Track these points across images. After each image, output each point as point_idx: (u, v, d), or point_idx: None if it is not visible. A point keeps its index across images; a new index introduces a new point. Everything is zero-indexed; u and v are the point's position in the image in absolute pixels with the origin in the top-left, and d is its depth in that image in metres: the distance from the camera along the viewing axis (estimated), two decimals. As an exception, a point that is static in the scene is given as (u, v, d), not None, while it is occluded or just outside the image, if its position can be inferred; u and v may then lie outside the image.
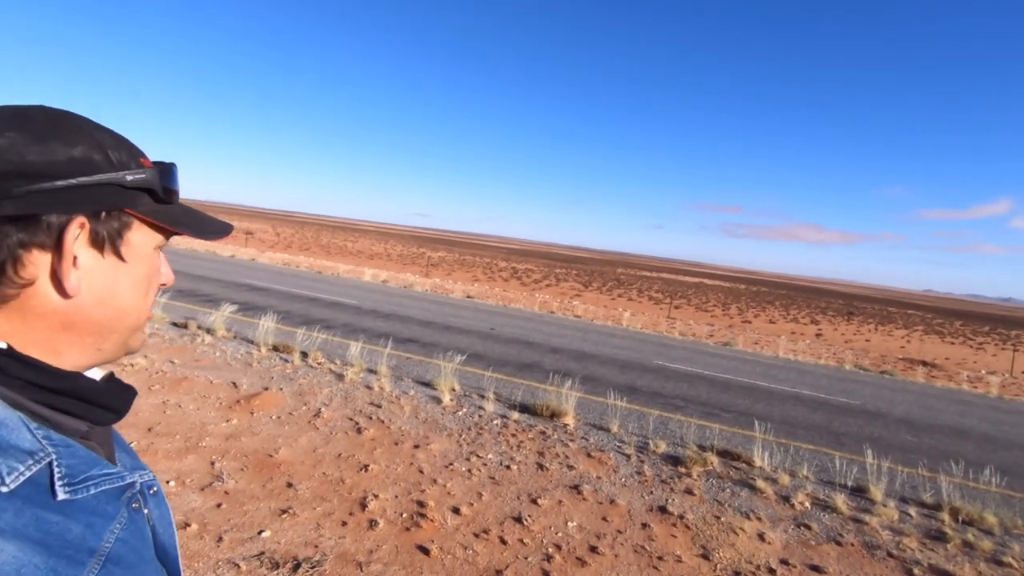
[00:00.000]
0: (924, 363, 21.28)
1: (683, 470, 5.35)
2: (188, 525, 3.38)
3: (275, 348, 7.89)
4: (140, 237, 0.58)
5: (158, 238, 0.60)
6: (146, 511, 0.63)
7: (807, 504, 4.94)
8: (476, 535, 3.74)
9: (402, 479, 4.40)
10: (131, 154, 0.58)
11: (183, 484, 3.87)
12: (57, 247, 0.52)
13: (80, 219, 0.53)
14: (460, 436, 5.50)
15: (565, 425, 6.26)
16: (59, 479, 0.51)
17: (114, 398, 0.60)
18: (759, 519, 4.53)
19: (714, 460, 5.61)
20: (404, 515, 3.86)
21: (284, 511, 3.69)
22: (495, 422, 6.03)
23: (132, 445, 4.38)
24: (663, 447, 5.86)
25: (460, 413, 6.19)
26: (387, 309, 14.30)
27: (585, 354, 11.57)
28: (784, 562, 3.91)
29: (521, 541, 3.74)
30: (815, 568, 3.89)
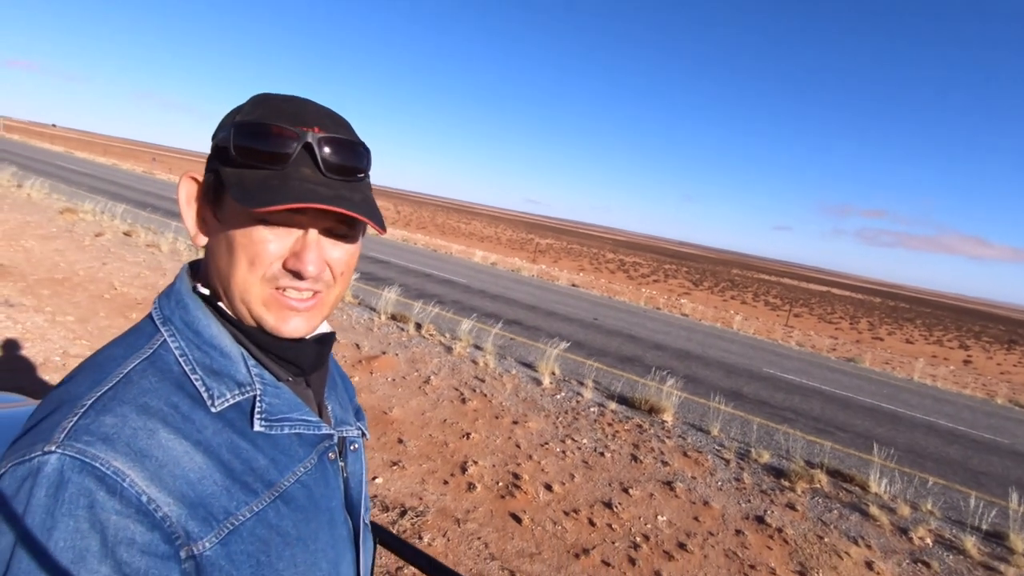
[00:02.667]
0: (1106, 408, 17.92)
1: (786, 483, 5.10)
2: (317, 462, 3.87)
3: (393, 317, 8.55)
4: (232, 201, 0.56)
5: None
6: (342, 464, 0.68)
7: (928, 540, 4.51)
8: (566, 513, 3.89)
9: (500, 450, 4.65)
10: (257, 118, 0.56)
11: (314, 427, 4.41)
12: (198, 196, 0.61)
13: (188, 174, 0.61)
14: (557, 418, 5.67)
15: (663, 421, 6.20)
16: (259, 413, 0.57)
17: (295, 354, 0.62)
18: (868, 547, 4.23)
19: (822, 478, 5.28)
20: (500, 484, 4.10)
21: (395, 463, 4.09)
22: (592, 409, 6.13)
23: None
24: (766, 457, 5.61)
25: (558, 396, 6.36)
26: (494, 291, 14.80)
27: (689, 354, 11.22)
28: (893, 595, 3.65)
29: (609, 526, 3.84)
30: (930, 608, 3.59)
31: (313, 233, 0.58)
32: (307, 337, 0.63)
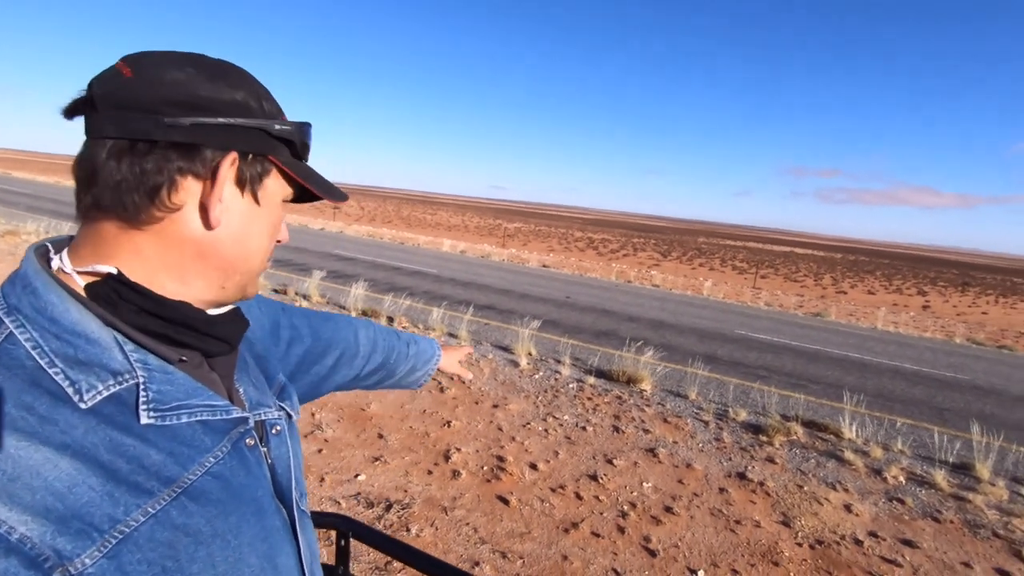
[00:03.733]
0: (1054, 338, 18.97)
1: (764, 439, 5.22)
2: (295, 465, 3.79)
3: (364, 313, 8.41)
4: (274, 186, 0.59)
5: (287, 191, 0.61)
6: (264, 449, 0.61)
7: (901, 478, 4.69)
8: (553, 490, 3.90)
9: (482, 435, 4.63)
10: (278, 107, 0.60)
11: (289, 431, 4.31)
12: (212, 178, 0.53)
13: (233, 155, 0.54)
14: (537, 398, 5.67)
15: (641, 391, 6.27)
16: (145, 403, 0.50)
17: (224, 329, 0.59)
18: (846, 491, 4.38)
19: (798, 430, 5.43)
20: (485, 468, 4.08)
21: (376, 458, 4.03)
22: (571, 386, 6.15)
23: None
24: (743, 415, 5.74)
25: (537, 376, 6.37)
26: (465, 278, 14.71)
27: (663, 323, 11.38)
28: (873, 534, 3.78)
29: (596, 498, 3.86)
30: (907, 543, 3.73)
31: None
32: (228, 312, 0.61)
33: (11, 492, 0.41)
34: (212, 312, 0.58)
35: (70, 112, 0.52)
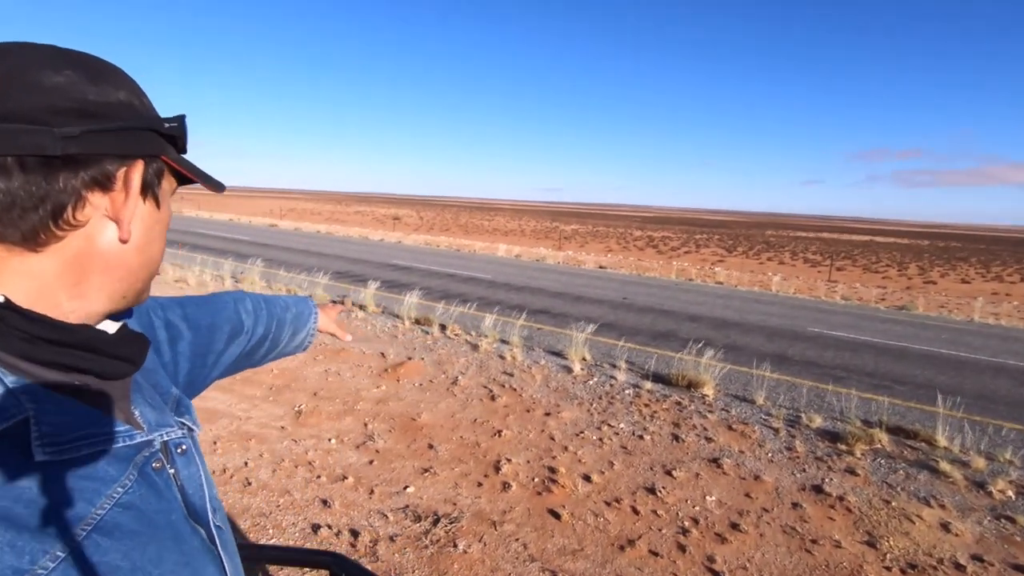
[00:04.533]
0: None
1: (843, 447, 4.77)
2: (345, 478, 3.78)
3: (417, 321, 8.48)
4: (167, 185, 0.58)
5: (174, 187, 0.60)
6: (171, 471, 0.58)
7: (1010, 493, 4.14)
8: (607, 503, 3.70)
9: (533, 445, 4.49)
10: (152, 105, 0.57)
11: (342, 442, 4.33)
12: (124, 189, 0.51)
13: (140, 162, 0.52)
14: (591, 405, 5.46)
15: (703, 396, 5.92)
16: (36, 438, 0.46)
17: (126, 348, 0.55)
18: (943, 507, 3.90)
19: (883, 437, 4.92)
20: (536, 480, 3.94)
21: (426, 470, 3.97)
22: (627, 392, 5.90)
23: (301, 407, 4.97)
24: (818, 421, 5.28)
25: (591, 382, 6.15)
26: (519, 282, 14.64)
27: (727, 322, 10.81)
28: (977, 558, 3.32)
29: (655, 512, 3.63)
30: (1020, 568, 3.25)
31: None
32: (106, 328, 0.56)
33: None
34: (108, 329, 0.55)
35: None
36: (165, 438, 0.59)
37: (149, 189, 0.54)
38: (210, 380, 0.92)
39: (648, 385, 6.10)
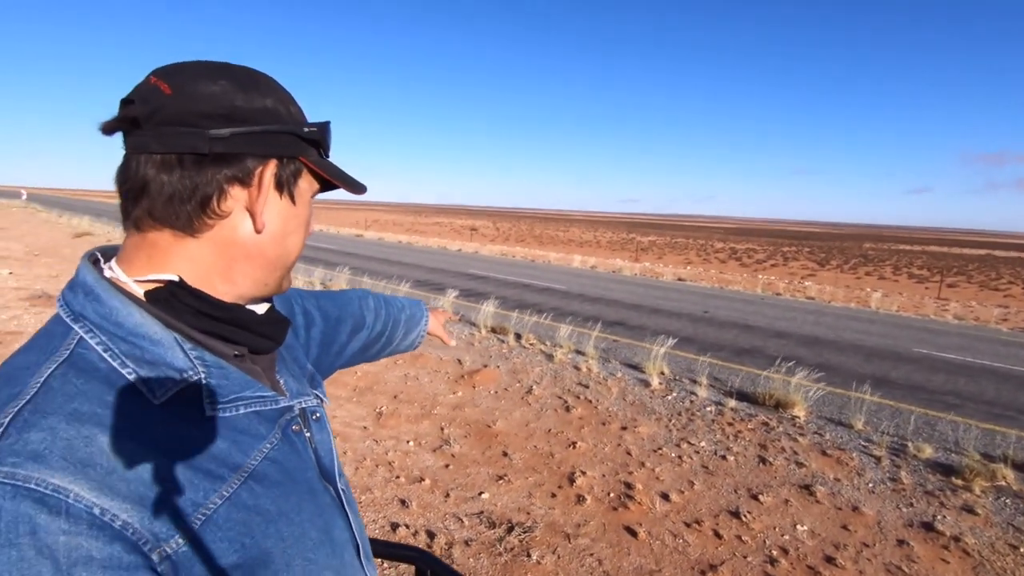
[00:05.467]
0: None
1: (959, 482, 4.29)
2: (422, 480, 3.88)
3: (493, 330, 8.58)
4: (305, 184, 0.63)
5: (315, 187, 0.65)
6: (307, 434, 0.66)
7: None
8: (687, 524, 3.54)
9: (609, 459, 4.39)
10: (301, 110, 0.63)
11: (420, 444, 4.45)
12: (258, 185, 0.57)
13: (273, 161, 0.58)
14: (669, 421, 5.27)
15: (793, 417, 5.54)
16: (207, 397, 0.54)
17: (271, 328, 0.64)
18: (1084, 558, 3.40)
19: (1007, 474, 4.37)
20: (611, 495, 3.85)
21: (500, 477, 3.99)
22: (708, 409, 5.64)
23: (382, 409, 5.16)
24: (928, 452, 4.78)
25: (669, 397, 5.94)
26: (594, 293, 14.46)
27: (818, 339, 10.09)
28: None
29: (739, 538, 3.43)
30: None
31: None
32: (257, 309, 0.64)
33: (110, 484, 0.45)
34: (258, 310, 0.63)
35: (110, 130, 0.55)
36: (303, 405, 0.67)
37: (285, 186, 0.60)
38: (334, 368, 1.00)
39: (732, 403, 5.80)
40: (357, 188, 0.67)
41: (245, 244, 0.58)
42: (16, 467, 0.43)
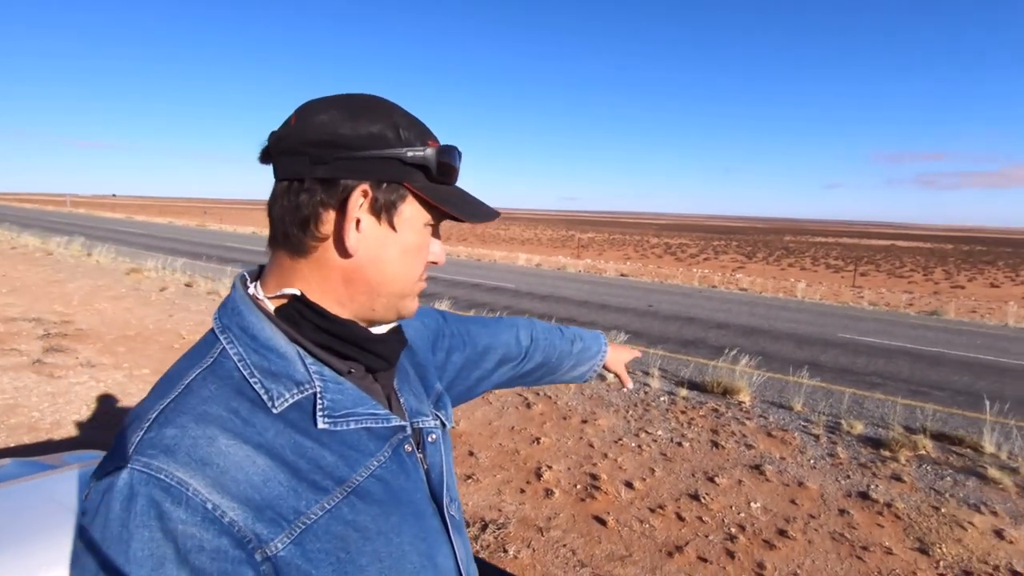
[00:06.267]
0: None
1: (887, 454, 4.71)
2: (392, 484, 3.85)
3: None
4: (412, 211, 0.61)
5: (428, 216, 0.62)
6: (420, 455, 0.66)
7: (1064, 500, 4.05)
8: (651, 510, 3.71)
9: (573, 452, 4.51)
10: (419, 135, 0.61)
11: (384, 449, 4.40)
12: (343, 209, 0.57)
13: (364, 186, 0.57)
14: (627, 412, 5.47)
15: (739, 402, 5.88)
16: (320, 410, 0.56)
17: (383, 347, 0.63)
18: (995, 513, 3.83)
19: (927, 444, 4.85)
20: (578, 486, 3.96)
21: (468, 476, 4.02)
22: (662, 399, 5.89)
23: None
24: (859, 428, 5.22)
25: (625, 390, 6.15)
26: (543, 291, 14.68)
27: (755, 329, 10.72)
28: (1034, 565, 3.26)
29: (700, 519, 3.62)
30: (1081, 576, 3.18)
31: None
32: (390, 333, 0.66)
33: (223, 483, 0.49)
34: (375, 331, 0.64)
35: (261, 160, 0.61)
36: (420, 425, 0.68)
37: (382, 211, 0.59)
38: (475, 393, 0.98)
39: (683, 392, 6.08)
40: (476, 216, 0.64)
41: (342, 268, 0.59)
42: (152, 458, 0.48)
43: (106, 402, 4.80)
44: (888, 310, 15.34)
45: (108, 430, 4.31)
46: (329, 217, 0.57)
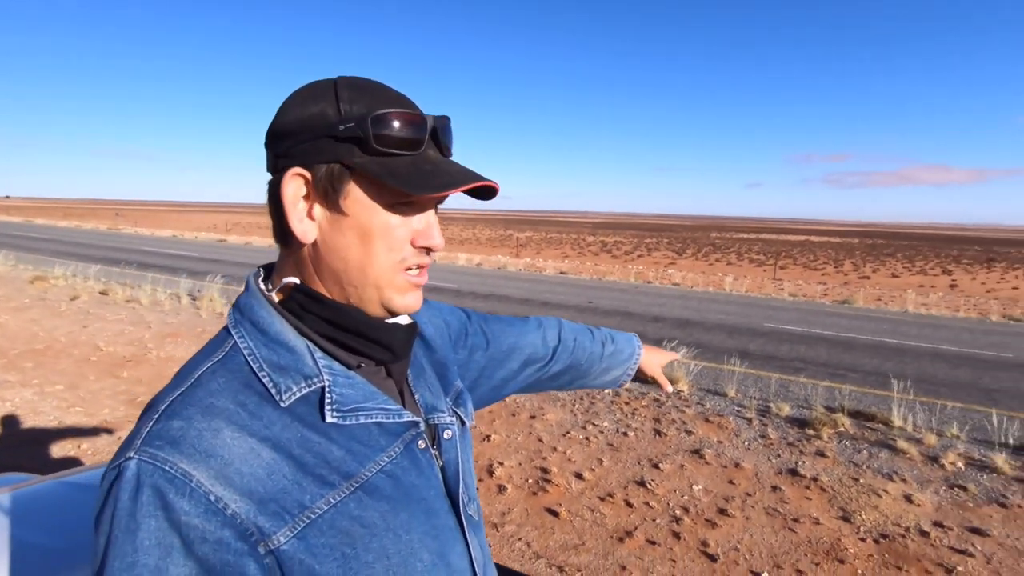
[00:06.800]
0: (1093, 309, 18.39)
1: (811, 432, 5.08)
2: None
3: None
4: (362, 191, 0.55)
5: (392, 194, 0.56)
6: (435, 452, 0.64)
7: (960, 464, 4.52)
8: (601, 498, 3.82)
9: (523, 447, 4.57)
10: (370, 105, 0.55)
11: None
12: (283, 197, 0.56)
13: (295, 171, 0.55)
14: (573, 406, 5.60)
15: (679, 391, 6.16)
16: (329, 404, 0.55)
17: (389, 336, 0.60)
18: (904, 480, 4.23)
19: (845, 421, 5.27)
20: (530, 481, 4.02)
21: (420, 478, 3.99)
22: (606, 391, 6.07)
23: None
24: (786, 410, 5.60)
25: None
26: (485, 291, 14.71)
27: (688, 321, 11.23)
28: (938, 524, 3.63)
29: (647, 504, 3.77)
30: (976, 531, 3.57)
31: (432, 210, 0.61)
32: (398, 322, 0.63)
33: (227, 475, 0.49)
34: (397, 322, 0.63)
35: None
36: (435, 422, 0.66)
37: (326, 195, 0.55)
38: (501, 395, 0.92)
39: (626, 384, 6.29)
40: (422, 187, 0.54)
41: (311, 258, 0.58)
42: (158, 449, 0.48)
43: (12, 423, 4.40)
44: (806, 300, 16.51)
45: (19, 451, 3.95)
46: (282, 208, 0.57)
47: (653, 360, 1.15)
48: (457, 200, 0.62)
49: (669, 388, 1.16)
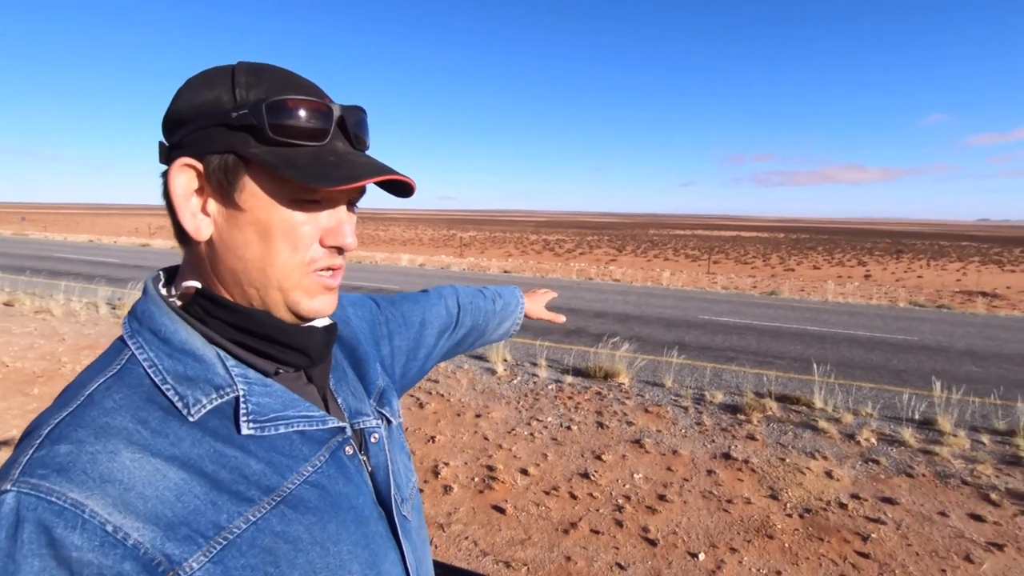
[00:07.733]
0: (984, 294, 20.36)
1: (743, 417, 5.36)
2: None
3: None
4: (260, 184, 0.52)
5: (299, 188, 0.52)
6: (363, 457, 0.61)
7: (873, 440, 4.90)
8: (546, 492, 3.88)
9: (469, 447, 4.57)
10: (271, 91, 0.51)
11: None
12: (174, 191, 0.51)
13: (182, 161, 0.51)
14: (518, 403, 5.65)
15: (620, 384, 6.34)
16: (245, 415, 0.51)
17: (301, 339, 0.57)
18: (825, 458, 4.54)
19: (773, 405, 5.60)
20: (476, 479, 4.03)
21: (364, 483, 3.91)
22: (550, 387, 6.16)
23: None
24: (720, 397, 5.88)
25: (515, 381, 6.34)
26: (428, 291, 14.58)
27: (629, 316, 11.56)
28: (855, 496, 3.92)
29: (591, 495, 3.87)
30: (887, 500, 3.89)
31: (345, 207, 0.57)
32: (315, 324, 0.59)
33: (126, 501, 0.44)
34: (313, 325, 0.59)
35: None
36: (361, 426, 0.63)
37: (220, 188, 0.52)
38: (425, 371, 0.93)
39: (569, 379, 6.41)
40: (323, 179, 0.50)
41: (208, 256, 0.54)
42: (42, 479, 0.43)
43: (-96, 449, 3.97)
44: (737, 292, 17.36)
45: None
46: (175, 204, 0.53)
47: (535, 304, 1.24)
48: (400, 201, 0.61)
49: (562, 318, 1.27)
